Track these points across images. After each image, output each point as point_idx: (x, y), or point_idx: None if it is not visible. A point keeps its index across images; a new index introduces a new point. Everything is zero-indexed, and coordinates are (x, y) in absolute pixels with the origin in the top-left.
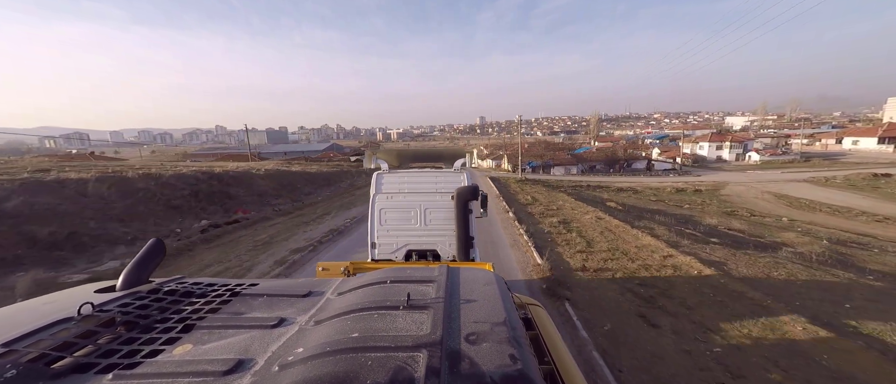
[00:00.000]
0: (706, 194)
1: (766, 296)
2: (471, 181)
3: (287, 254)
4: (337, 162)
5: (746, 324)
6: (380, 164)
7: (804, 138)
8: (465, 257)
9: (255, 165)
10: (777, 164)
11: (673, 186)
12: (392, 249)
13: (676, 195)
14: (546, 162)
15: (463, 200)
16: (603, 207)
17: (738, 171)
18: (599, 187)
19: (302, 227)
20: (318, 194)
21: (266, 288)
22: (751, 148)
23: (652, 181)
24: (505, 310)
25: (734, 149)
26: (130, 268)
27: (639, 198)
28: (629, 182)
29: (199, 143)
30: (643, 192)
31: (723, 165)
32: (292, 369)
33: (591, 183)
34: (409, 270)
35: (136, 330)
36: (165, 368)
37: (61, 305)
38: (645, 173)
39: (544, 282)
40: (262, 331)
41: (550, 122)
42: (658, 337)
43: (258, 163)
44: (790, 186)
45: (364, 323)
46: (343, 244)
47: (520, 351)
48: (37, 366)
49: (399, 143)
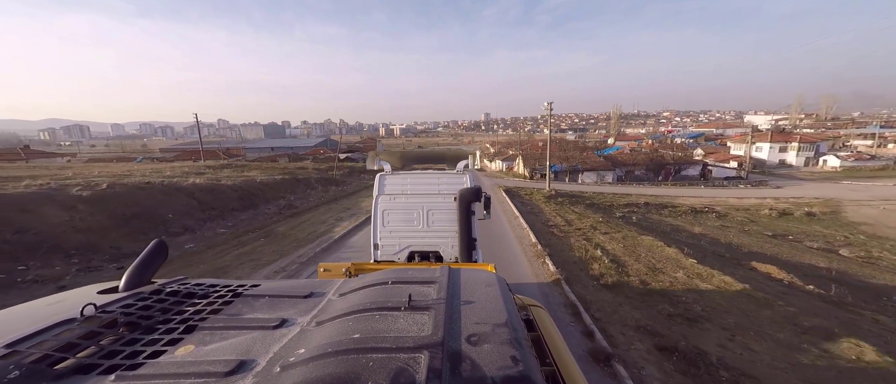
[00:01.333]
0: (829, 221)
1: None
2: (474, 182)
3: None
4: (323, 160)
5: None
6: (383, 166)
7: (866, 139)
8: (468, 258)
9: (145, 169)
10: (866, 171)
11: (764, 204)
12: (395, 251)
13: (783, 222)
14: (573, 166)
15: (465, 202)
16: (721, 263)
17: (823, 179)
18: (661, 206)
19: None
20: (202, 231)
21: (268, 289)
22: (823, 150)
23: (724, 195)
24: (506, 311)
25: (804, 151)
26: (133, 270)
27: (735, 229)
28: (694, 196)
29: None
30: (730, 215)
31: (792, 171)
32: (294, 370)
33: (646, 198)
34: (410, 271)
35: (139, 331)
36: (168, 369)
37: (64, 306)
38: (703, 183)
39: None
40: (264, 331)
41: (557, 119)
42: None
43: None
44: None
45: (365, 324)
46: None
47: (521, 352)
48: (40, 366)
49: (401, 139)
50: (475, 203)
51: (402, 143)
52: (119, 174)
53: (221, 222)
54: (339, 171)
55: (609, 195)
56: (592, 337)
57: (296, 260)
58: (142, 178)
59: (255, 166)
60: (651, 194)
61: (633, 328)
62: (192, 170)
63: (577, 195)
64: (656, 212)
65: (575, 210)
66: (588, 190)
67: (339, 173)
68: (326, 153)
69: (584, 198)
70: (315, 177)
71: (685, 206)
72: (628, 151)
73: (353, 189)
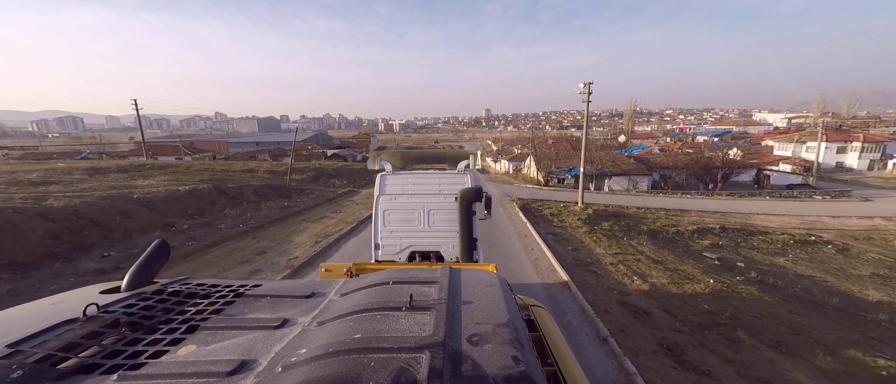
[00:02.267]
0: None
1: None
2: (475, 183)
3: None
4: (306, 158)
5: None
6: (384, 166)
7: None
8: (469, 258)
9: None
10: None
11: (887, 229)
12: (395, 251)
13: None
14: (600, 169)
15: (467, 202)
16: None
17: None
18: (742, 230)
19: None
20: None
21: (269, 289)
22: (892, 151)
23: (808, 211)
24: (508, 311)
25: (868, 152)
26: (135, 270)
27: (866, 270)
28: (773, 214)
29: (196, 129)
30: (851, 248)
31: (857, 176)
32: (295, 370)
33: (710, 215)
34: (411, 271)
35: (141, 331)
36: (170, 369)
37: (66, 306)
38: (763, 192)
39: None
40: (266, 331)
41: (559, 116)
42: None
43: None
44: None
45: (367, 324)
46: None
47: (522, 352)
48: (42, 366)
49: (400, 135)
50: (476, 203)
51: (399, 140)
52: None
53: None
54: (301, 177)
55: (659, 212)
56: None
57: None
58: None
59: (174, 169)
60: (713, 209)
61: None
62: (60, 174)
63: (619, 213)
64: (745, 242)
65: (639, 247)
66: (627, 202)
67: (296, 180)
68: (314, 149)
69: (632, 220)
70: (259, 184)
71: (776, 231)
72: (658, 151)
73: (308, 204)
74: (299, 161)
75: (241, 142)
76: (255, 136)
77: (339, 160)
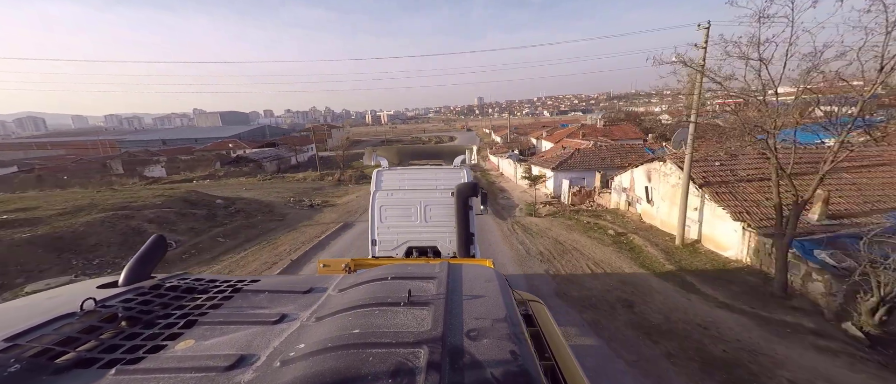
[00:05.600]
0: None
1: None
2: (470, 177)
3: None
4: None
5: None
6: (379, 162)
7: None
8: (466, 254)
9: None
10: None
11: None
12: (393, 246)
13: None
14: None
15: (463, 197)
16: None
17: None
18: None
19: None
20: None
21: (267, 284)
22: None
23: None
24: (505, 306)
25: None
26: (133, 264)
27: None
28: None
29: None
30: None
31: None
32: (294, 365)
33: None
34: (409, 267)
35: (139, 325)
36: (168, 363)
37: (64, 301)
38: None
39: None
40: (264, 326)
41: (555, 102)
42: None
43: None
44: None
45: (365, 319)
46: None
47: (520, 347)
48: (40, 360)
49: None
50: (472, 198)
51: (381, 132)
52: None
53: None
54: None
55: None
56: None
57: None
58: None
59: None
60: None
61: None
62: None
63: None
64: None
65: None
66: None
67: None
68: (236, 147)
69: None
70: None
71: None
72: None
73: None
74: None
75: (136, 140)
76: (188, 132)
77: (242, 165)
